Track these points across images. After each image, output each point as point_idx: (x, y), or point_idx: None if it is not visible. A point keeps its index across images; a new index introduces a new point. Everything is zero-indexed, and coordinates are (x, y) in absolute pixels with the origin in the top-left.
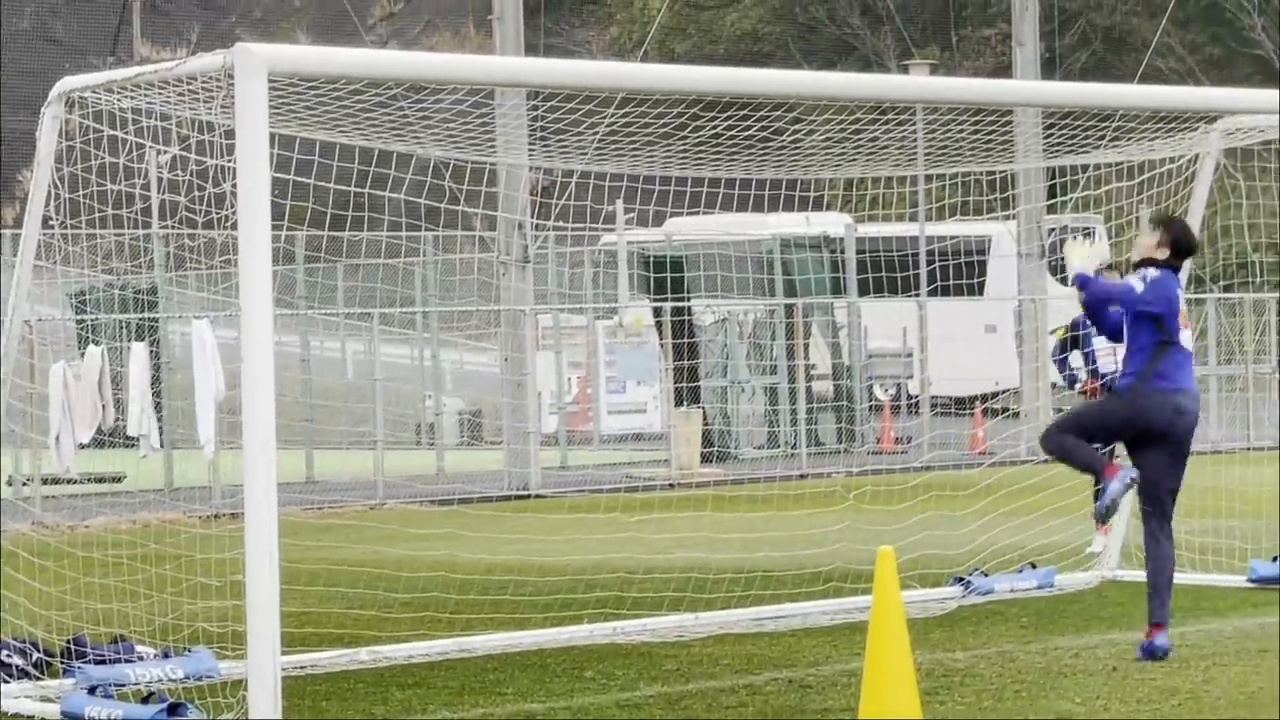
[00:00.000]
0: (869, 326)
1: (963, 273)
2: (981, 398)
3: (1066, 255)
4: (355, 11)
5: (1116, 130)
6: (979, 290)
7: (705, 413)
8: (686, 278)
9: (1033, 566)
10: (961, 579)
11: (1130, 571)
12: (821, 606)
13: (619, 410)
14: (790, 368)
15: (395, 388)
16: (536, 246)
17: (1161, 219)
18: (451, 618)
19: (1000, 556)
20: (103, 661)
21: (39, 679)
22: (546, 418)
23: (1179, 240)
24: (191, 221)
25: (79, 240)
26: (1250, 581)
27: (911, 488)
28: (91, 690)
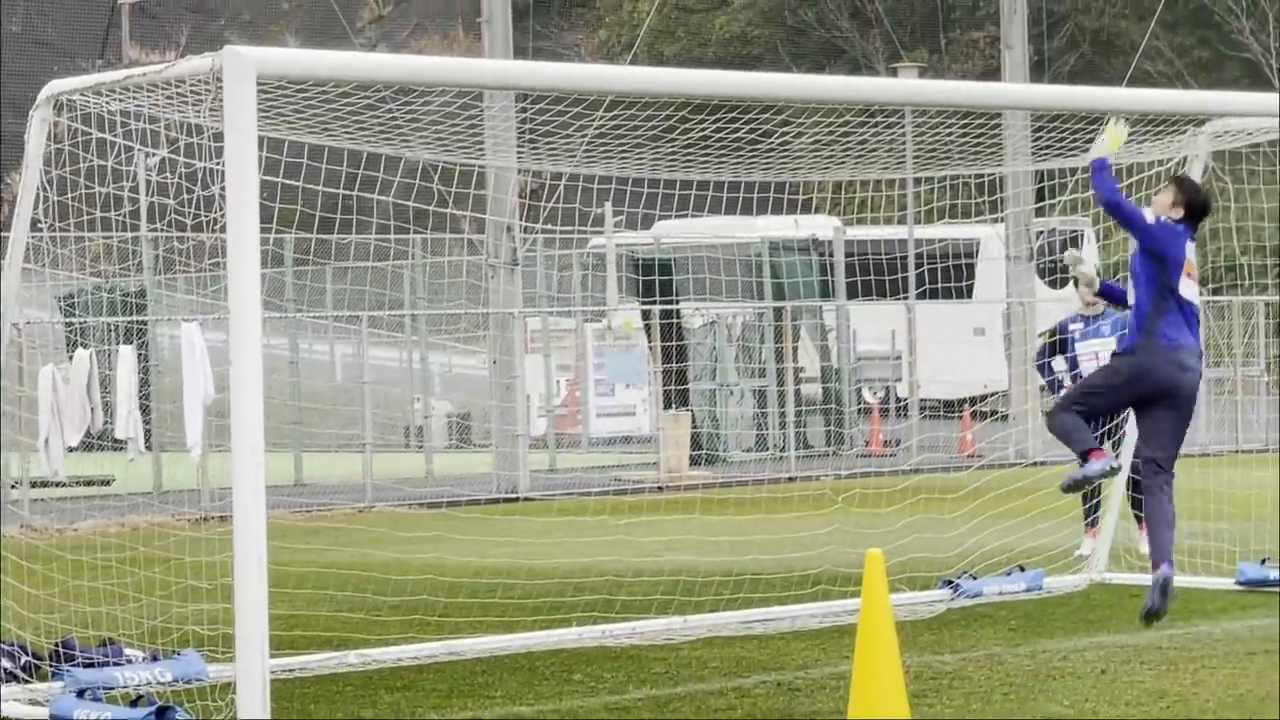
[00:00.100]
0: (858, 329)
1: (951, 276)
2: (970, 400)
3: (1102, 136)
4: (344, 14)
5: None
6: (967, 293)
7: (694, 415)
8: (675, 280)
9: (1021, 569)
10: (950, 582)
11: (1119, 574)
12: (810, 609)
13: (608, 413)
14: (779, 370)
15: (384, 390)
16: (525, 249)
17: (1174, 177)
18: (440, 620)
19: (989, 559)
20: (91, 664)
21: (27, 682)
22: (535, 420)
23: (1191, 201)
24: (180, 224)
25: (67, 243)
26: (1239, 584)
27: (900, 490)
28: (80, 693)
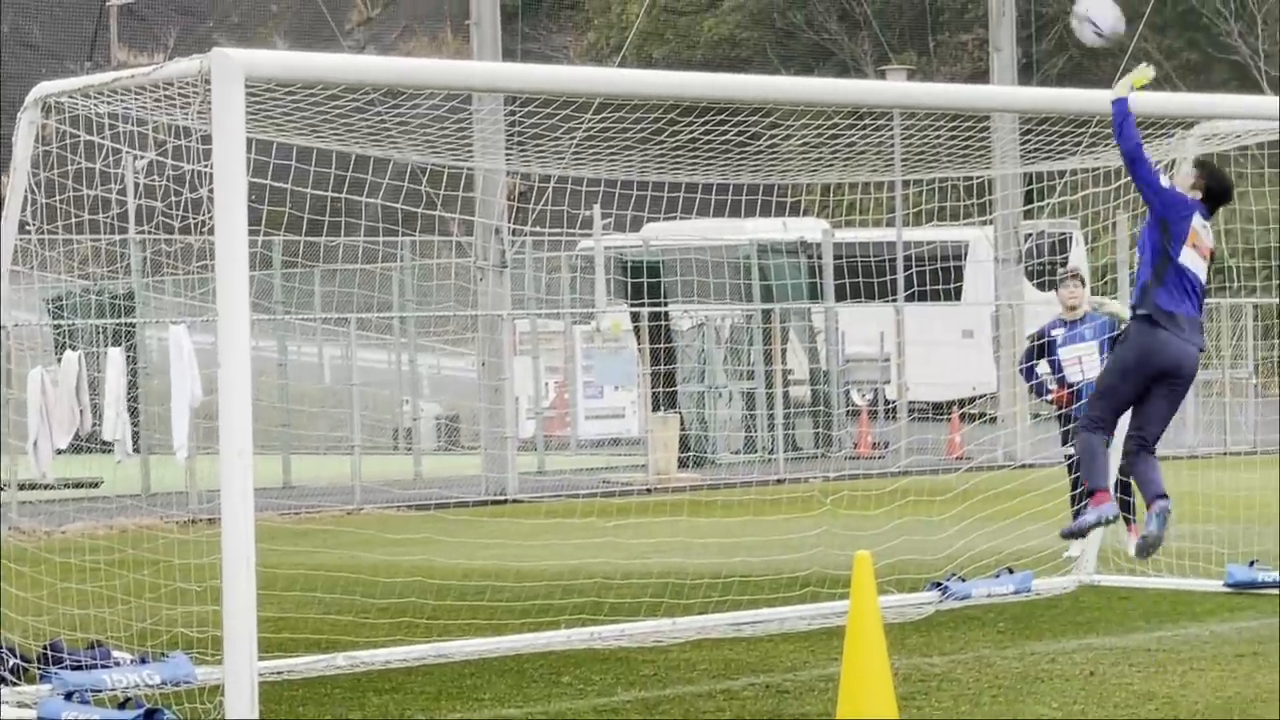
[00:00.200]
0: (846, 331)
1: (940, 278)
2: (959, 403)
3: (1126, 77)
4: (333, 17)
5: (1093, 135)
6: (956, 295)
7: (683, 418)
8: (664, 283)
9: (1010, 571)
10: (939, 584)
11: (1108, 576)
12: (799, 611)
13: (596, 415)
14: (767, 373)
15: (372, 393)
16: (514, 251)
17: (1199, 160)
18: (429, 623)
19: (977, 561)
20: (79, 667)
21: (15, 685)
22: (524, 423)
23: (1211, 186)
24: (168, 227)
25: (56, 245)
26: (1227, 586)
27: (889, 493)
28: (68, 696)
